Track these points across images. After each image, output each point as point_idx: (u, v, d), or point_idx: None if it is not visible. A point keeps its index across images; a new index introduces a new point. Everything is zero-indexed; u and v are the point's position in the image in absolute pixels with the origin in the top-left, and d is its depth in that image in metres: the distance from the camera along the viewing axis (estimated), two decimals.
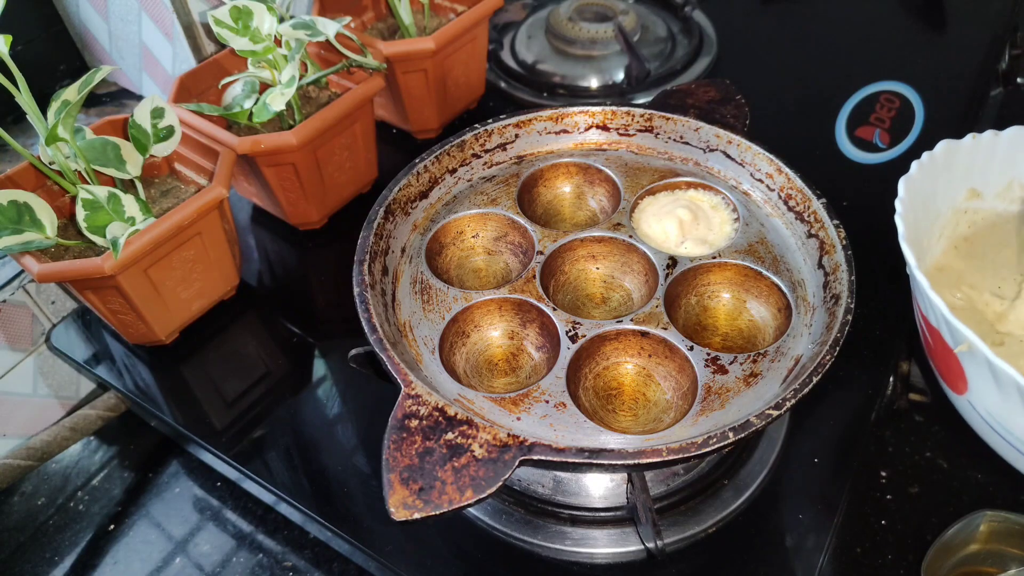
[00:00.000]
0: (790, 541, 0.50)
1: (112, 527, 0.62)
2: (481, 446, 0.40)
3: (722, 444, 0.40)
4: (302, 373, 0.62)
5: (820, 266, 0.51)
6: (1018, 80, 0.85)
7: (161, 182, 0.65)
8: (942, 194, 0.57)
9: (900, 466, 0.54)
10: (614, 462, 0.39)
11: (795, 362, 0.47)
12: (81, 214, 0.54)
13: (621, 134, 0.63)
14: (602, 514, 0.51)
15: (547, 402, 0.45)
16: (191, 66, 0.73)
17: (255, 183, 0.70)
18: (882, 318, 0.61)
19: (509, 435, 0.40)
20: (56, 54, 0.85)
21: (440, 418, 0.41)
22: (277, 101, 0.61)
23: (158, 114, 0.60)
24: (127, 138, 0.59)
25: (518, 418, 0.44)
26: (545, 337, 0.51)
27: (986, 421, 0.48)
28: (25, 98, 0.52)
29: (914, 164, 0.54)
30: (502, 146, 0.61)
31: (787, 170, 0.55)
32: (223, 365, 0.63)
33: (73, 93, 0.53)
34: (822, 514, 0.50)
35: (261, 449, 0.57)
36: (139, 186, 0.60)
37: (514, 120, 0.61)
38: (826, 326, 0.47)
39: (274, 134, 0.63)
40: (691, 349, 0.47)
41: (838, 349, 0.44)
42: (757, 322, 0.52)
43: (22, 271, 0.67)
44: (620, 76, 0.87)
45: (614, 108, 0.62)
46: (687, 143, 0.61)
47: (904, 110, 0.81)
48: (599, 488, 0.52)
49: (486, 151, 0.61)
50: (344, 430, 0.58)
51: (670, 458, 0.39)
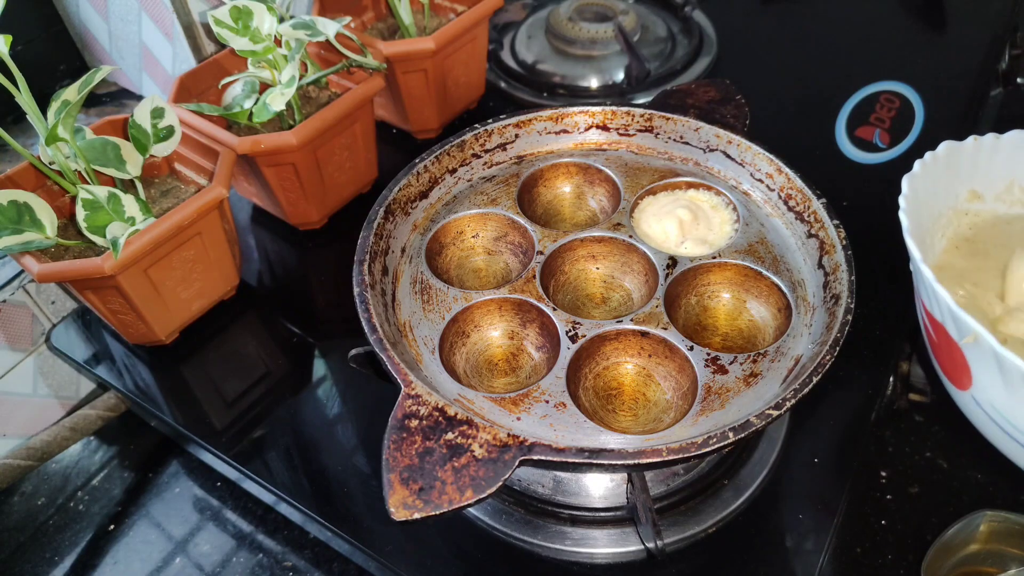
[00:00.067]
0: (790, 541, 0.50)
1: (112, 527, 0.62)
2: (481, 446, 0.40)
3: (722, 444, 0.40)
4: (302, 373, 0.62)
5: (820, 266, 0.51)
6: (1018, 80, 0.85)
7: (161, 182, 0.65)
8: (943, 194, 0.57)
9: (900, 466, 0.54)
10: (614, 462, 0.39)
11: (795, 362, 0.47)
12: (81, 214, 0.54)
13: (621, 134, 0.63)
14: (602, 514, 0.51)
15: (547, 402, 0.45)
16: (191, 66, 0.73)
17: (255, 183, 0.70)
18: (882, 318, 0.61)
19: (509, 435, 0.40)
20: (56, 54, 0.85)
21: (440, 418, 0.41)
22: (277, 101, 0.61)
23: (158, 114, 0.60)
24: (127, 138, 0.59)
25: (518, 418, 0.44)
26: (545, 337, 0.51)
27: (990, 416, 0.48)
28: (25, 98, 0.52)
29: (917, 163, 0.54)
30: (502, 146, 0.61)
31: (787, 170, 0.55)
32: (223, 365, 0.63)
33: (73, 93, 0.53)
34: (822, 514, 0.50)
35: (261, 449, 0.57)
36: (139, 186, 0.60)
37: (514, 120, 0.61)
38: (826, 326, 0.47)
39: (274, 134, 0.63)
40: (691, 349, 0.47)
41: (838, 349, 0.44)
42: (757, 322, 0.52)
43: (22, 271, 0.67)
44: (620, 76, 0.87)
45: (614, 108, 0.62)
46: (687, 143, 0.61)
47: (904, 110, 0.81)
48: (599, 488, 0.52)
49: (486, 151, 0.61)
50: (344, 430, 0.58)
51: (670, 458, 0.39)
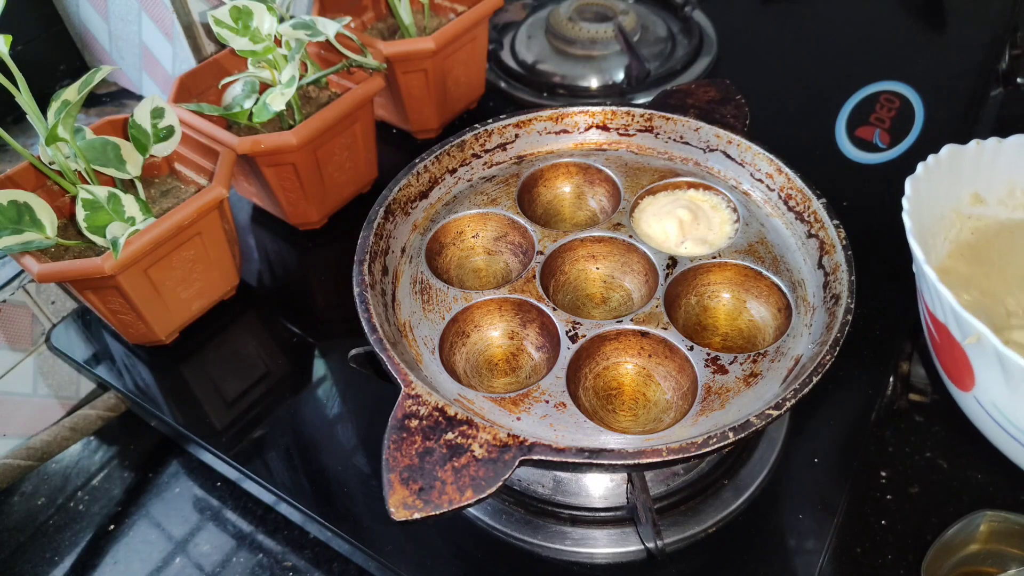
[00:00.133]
0: (790, 541, 0.50)
1: (112, 527, 0.62)
2: (481, 446, 0.40)
3: (722, 444, 0.40)
4: (302, 373, 0.62)
5: (820, 266, 0.51)
6: (1018, 80, 0.85)
7: (161, 182, 0.65)
8: (946, 197, 0.57)
9: (900, 466, 0.54)
10: (614, 462, 0.39)
11: (795, 362, 0.47)
12: (81, 214, 0.54)
13: (621, 134, 0.62)
14: (602, 514, 0.51)
15: (547, 402, 0.45)
16: (191, 66, 0.73)
17: (255, 183, 0.70)
18: (882, 318, 0.61)
19: (509, 435, 0.40)
20: (56, 54, 0.85)
21: (440, 418, 0.41)
22: (277, 101, 0.61)
23: (158, 114, 0.60)
24: (127, 138, 0.59)
25: (518, 418, 0.44)
26: (545, 337, 0.51)
27: (992, 417, 0.48)
28: (25, 98, 0.52)
29: (920, 166, 0.54)
30: (502, 146, 0.61)
31: (787, 170, 0.55)
32: (223, 365, 0.63)
33: (73, 93, 0.53)
34: (822, 514, 0.50)
35: (261, 449, 0.57)
36: (139, 186, 0.60)
37: (514, 120, 0.61)
38: (826, 326, 0.47)
39: (274, 134, 0.63)
40: (691, 349, 0.47)
41: (838, 349, 0.44)
42: (757, 322, 0.52)
43: (22, 271, 0.67)
44: (620, 76, 0.87)
45: (614, 108, 0.62)
46: (687, 143, 0.61)
47: (904, 110, 0.81)
48: (599, 488, 0.51)
49: (486, 151, 0.61)
50: (344, 430, 0.58)
51: (670, 458, 0.39)
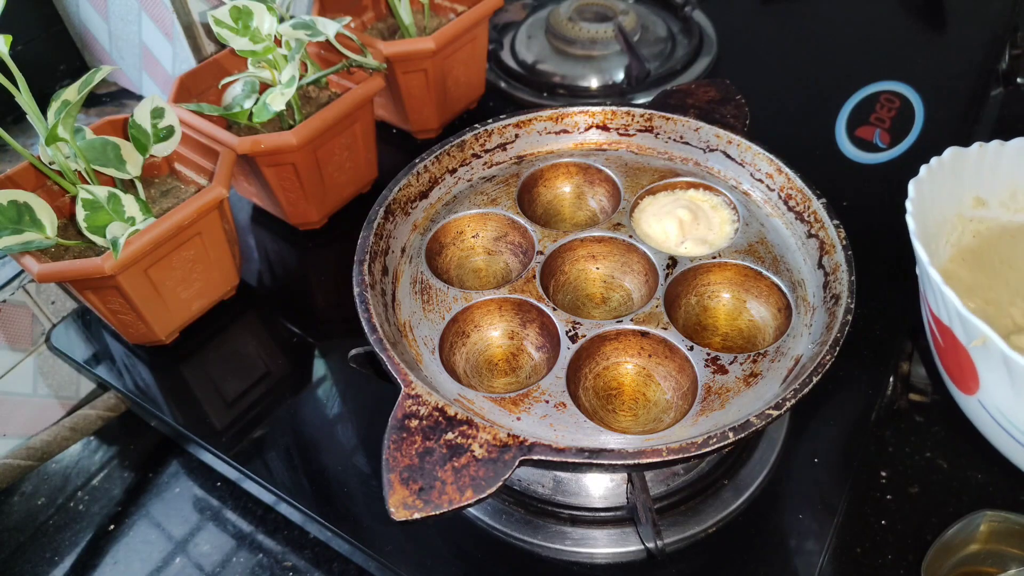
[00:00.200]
0: (790, 541, 0.50)
1: (112, 527, 0.62)
2: (481, 446, 0.40)
3: (722, 444, 0.40)
4: (302, 373, 0.62)
5: (820, 266, 0.51)
6: (1018, 80, 0.85)
7: (161, 182, 0.65)
8: (948, 200, 0.57)
9: (900, 466, 0.54)
10: (614, 462, 0.39)
11: (795, 362, 0.47)
12: (81, 214, 0.54)
13: (621, 134, 0.62)
14: (602, 514, 0.51)
15: (547, 402, 0.45)
16: (191, 66, 0.73)
17: (255, 183, 0.70)
18: (882, 318, 0.61)
19: (509, 435, 0.40)
20: (56, 54, 0.85)
21: (440, 418, 0.41)
22: (277, 101, 0.61)
23: (158, 114, 0.60)
24: (127, 138, 0.59)
25: (518, 418, 0.44)
26: (545, 337, 0.51)
27: (996, 421, 0.47)
28: (25, 98, 0.52)
29: (923, 168, 0.53)
30: (502, 146, 0.61)
31: (787, 170, 0.55)
32: (223, 365, 0.63)
33: (73, 93, 0.53)
34: (822, 514, 0.50)
35: (261, 449, 0.57)
36: (139, 186, 0.60)
37: (514, 120, 0.61)
38: (826, 326, 0.47)
39: (274, 134, 0.63)
40: (691, 349, 0.47)
41: (838, 349, 0.44)
42: (757, 322, 0.52)
43: (22, 271, 0.67)
44: (620, 76, 0.87)
45: (614, 108, 0.62)
46: (687, 143, 0.61)
47: (904, 110, 0.81)
48: (599, 488, 0.51)
49: (486, 151, 0.61)
50: (344, 430, 0.58)
51: (670, 458, 0.39)
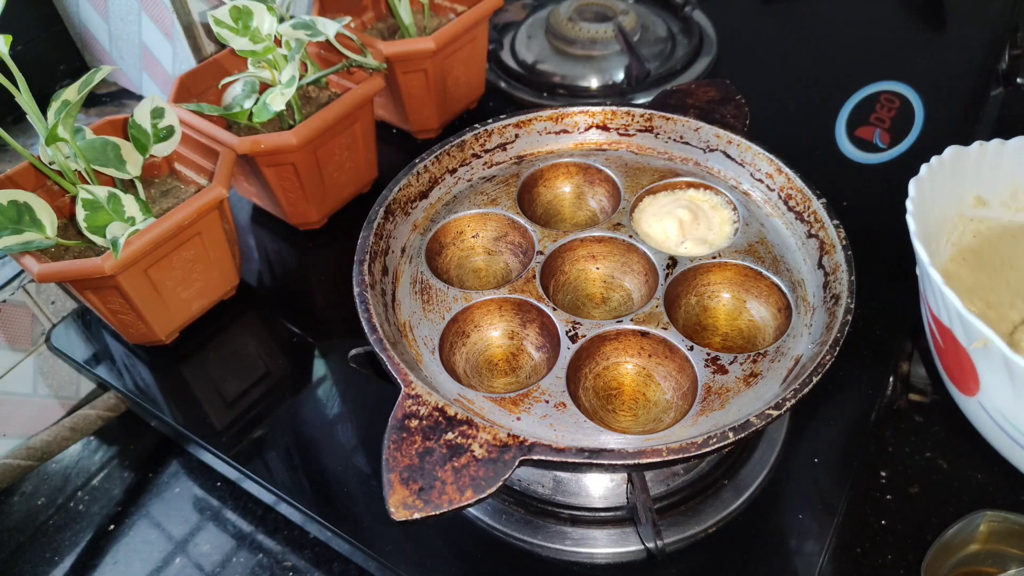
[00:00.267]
0: (790, 541, 0.50)
1: (112, 527, 0.62)
2: (481, 446, 0.40)
3: (722, 444, 0.40)
4: (302, 373, 0.62)
5: (820, 266, 0.51)
6: (1018, 80, 0.85)
7: (161, 182, 0.65)
8: (949, 199, 0.57)
9: (900, 466, 0.54)
10: (614, 462, 0.39)
11: (795, 362, 0.47)
12: (81, 214, 0.54)
13: (621, 134, 0.62)
14: (602, 514, 0.51)
15: (547, 402, 0.45)
16: (191, 66, 0.73)
17: (255, 183, 0.70)
18: (882, 318, 0.61)
19: (509, 435, 0.40)
20: (56, 54, 0.85)
21: (440, 418, 0.41)
22: (277, 101, 0.61)
23: (158, 114, 0.60)
24: (127, 138, 0.59)
25: (518, 418, 0.44)
26: (545, 337, 0.51)
27: (997, 423, 0.47)
28: (25, 98, 0.52)
29: (924, 167, 0.53)
30: (502, 146, 0.61)
31: (787, 170, 0.55)
32: (223, 365, 0.63)
33: (73, 93, 0.53)
34: (822, 514, 0.50)
35: (261, 449, 0.57)
36: (139, 186, 0.60)
37: (514, 120, 0.61)
38: (826, 326, 0.47)
39: (274, 134, 0.63)
40: (691, 349, 0.47)
41: (838, 349, 0.44)
42: (757, 322, 0.52)
43: (22, 271, 0.67)
44: (620, 76, 0.87)
45: (614, 108, 0.62)
46: (687, 143, 0.61)
47: (904, 110, 0.81)
48: (599, 488, 0.51)
49: (486, 151, 0.61)
50: (344, 430, 0.58)
51: (670, 458, 0.39)
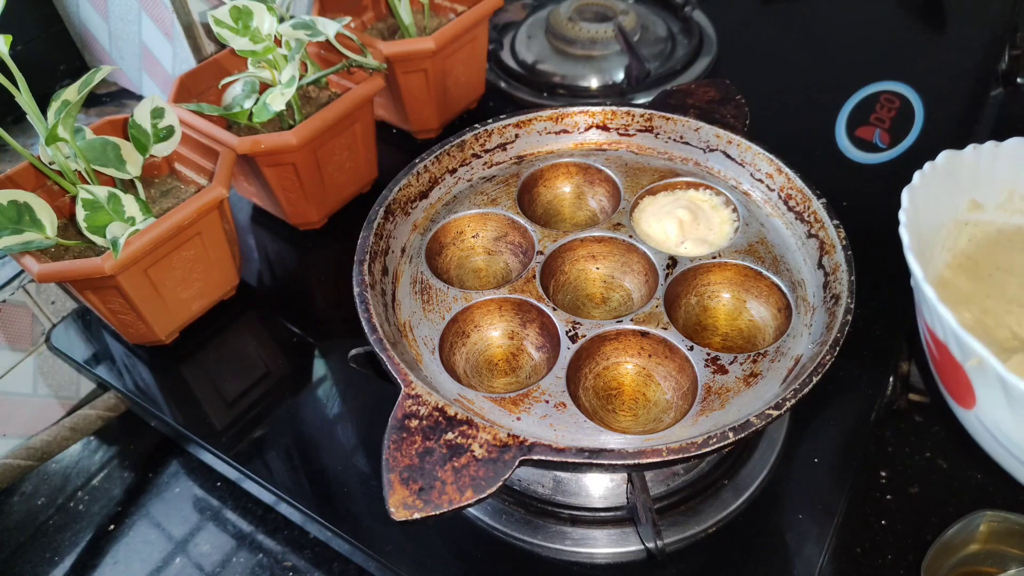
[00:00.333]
0: (790, 541, 0.50)
1: (112, 527, 0.62)
2: (481, 446, 0.40)
3: (722, 444, 0.40)
4: (302, 373, 0.62)
5: (820, 266, 0.51)
6: (1018, 80, 0.85)
7: (161, 182, 0.65)
8: (944, 205, 0.56)
9: (900, 466, 0.54)
10: (614, 462, 0.39)
11: (795, 362, 0.47)
12: (81, 214, 0.54)
13: (621, 134, 0.62)
14: (602, 514, 0.51)
15: (547, 402, 0.45)
16: (191, 66, 0.73)
17: (255, 183, 0.70)
18: (882, 318, 0.61)
19: (509, 435, 0.40)
20: (56, 54, 0.85)
21: (440, 418, 0.41)
22: (277, 101, 0.61)
23: (158, 114, 0.60)
24: (127, 138, 0.59)
25: (518, 418, 0.44)
26: (545, 337, 0.51)
27: (995, 437, 0.47)
28: (25, 98, 0.52)
29: (916, 174, 0.53)
30: (502, 146, 0.61)
31: (787, 170, 0.55)
32: (223, 365, 0.63)
33: (73, 93, 0.53)
34: (822, 514, 0.50)
35: (261, 449, 0.57)
36: (139, 186, 0.60)
37: (514, 120, 0.61)
38: (826, 326, 0.47)
39: (274, 134, 0.63)
40: (691, 349, 0.47)
41: (838, 349, 0.44)
42: (757, 322, 0.52)
43: (22, 271, 0.67)
44: (620, 76, 0.87)
45: (614, 108, 0.62)
46: (687, 143, 0.61)
47: (904, 110, 0.81)
48: (599, 488, 0.52)
49: (486, 151, 0.61)
50: (344, 430, 0.58)
51: (670, 458, 0.39)
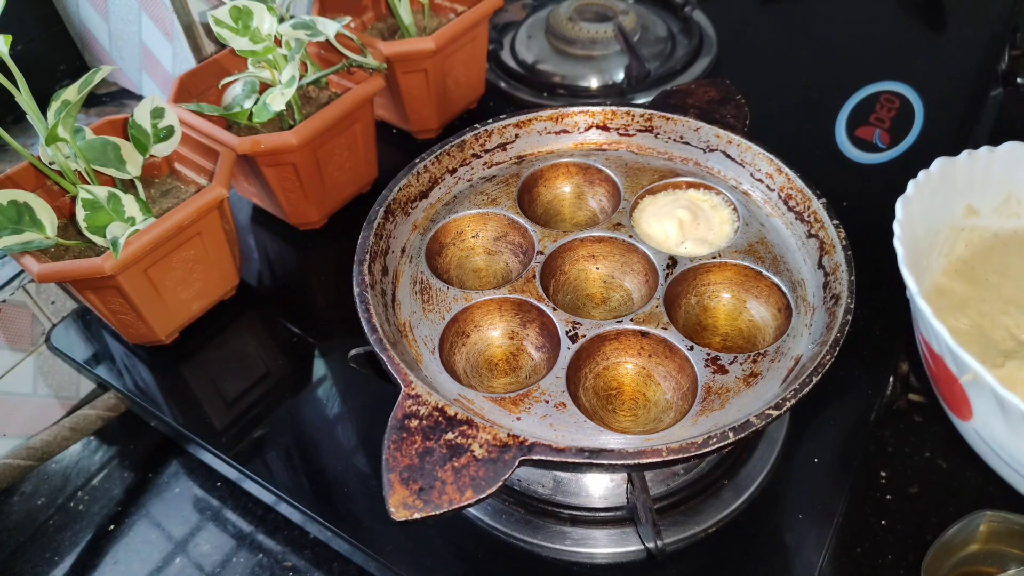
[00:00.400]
0: (790, 541, 0.50)
1: (112, 527, 0.62)
2: (481, 446, 0.40)
3: (722, 444, 0.40)
4: (302, 373, 0.62)
5: (820, 266, 0.51)
6: (1018, 80, 0.85)
7: (161, 182, 0.65)
8: (940, 212, 0.56)
9: (900, 466, 0.54)
10: (614, 462, 0.39)
11: (795, 362, 0.47)
12: (81, 214, 0.54)
13: (621, 134, 0.62)
14: (602, 514, 0.51)
15: (547, 402, 0.45)
16: (191, 66, 0.73)
17: (255, 183, 0.70)
18: (882, 318, 0.61)
19: (509, 435, 0.40)
20: (56, 54, 0.85)
21: (440, 418, 0.41)
22: (277, 101, 0.61)
23: (158, 114, 0.60)
24: (127, 138, 0.59)
25: (518, 418, 0.44)
26: (545, 337, 0.51)
27: (992, 449, 0.47)
28: (25, 98, 0.52)
29: (911, 184, 0.53)
30: (502, 146, 0.61)
31: (787, 170, 0.55)
32: (223, 365, 0.63)
33: (73, 93, 0.53)
34: (822, 514, 0.50)
35: (261, 449, 0.57)
36: (139, 186, 0.60)
37: (514, 120, 0.61)
38: (826, 326, 0.47)
39: (274, 134, 0.63)
40: (691, 349, 0.47)
41: (838, 349, 0.44)
42: (757, 322, 0.52)
43: (22, 271, 0.67)
44: (620, 76, 0.87)
45: (614, 108, 0.62)
46: (687, 143, 0.61)
47: (904, 110, 0.81)
48: (599, 488, 0.52)
49: (486, 151, 0.61)
50: (344, 430, 0.58)
51: (670, 458, 0.39)
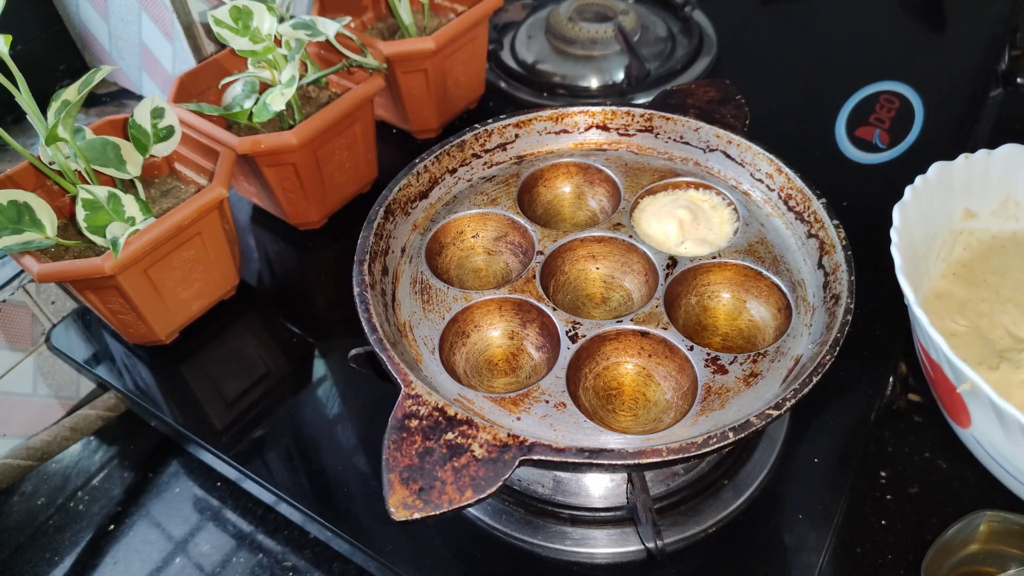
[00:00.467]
0: (790, 541, 0.50)
1: (112, 527, 0.62)
2: (481, 446, 0.40)
3: (722, 444, 0.40)
4: (302, 373, 0.62)
5: (820, 266, 0.51)
6: (1018, 80, 0.86)
7: (161, 182, 0.65)
8: (938, 216, 0.56)
9: (900, 466, 0.54)
10: (614, 462, 0.39)
11: (795, 362, 0.47)
12: (81, 214, 0.54)
13: (621, 134, 0.62)
14: (602, 514, 0.51)
15: (547, 402, 0.45)
16: (191, 66, 0.73)
17: (255, 183, 0.70)
18: (882, 318, 0.61)
19: (509, 435, 0.40)
20: (56, 54, 0.85)
21: (440, 418, 0.41)
22: (277, 101, 0.61)
23: (158, 114, 0.60)
24: (127, 138, 0.59)
25: (518, 418, 0.44)
26: (545, 337, 0.51)
27: (990, 455, 0.47)
28: (25, 98, 0.52)
29: (908, 189, 0.53)
30: (502, 146, 0.61)
31: (787, 170, 0.55)
32: (223, 365, 0.63)
33: (73, 93, 0.53)
34: (822, 514, 0.50)
35: (261, 449, 0.57)
36: (139, 186, 0.60)
37: (514, 120, 0.61)
38: (826, 326, 0.47)
39: (274, 134, 0.63)
40: (691, 349, 0.47)
41: (838, 349, 0.44)
42: (757, 322, 0.52)
43: (22, 271, 0.67)
44: (620, 76, 0.87)
45: (614, 108, 0.62)
46: (687, 143, 0.61)
47: (904, 110, 0.81)
48: (599, 488, 0.52)
49: (486, 151, 0.61)
50: (344, 430, 0.58)
51: (670, 458, 0.39)
